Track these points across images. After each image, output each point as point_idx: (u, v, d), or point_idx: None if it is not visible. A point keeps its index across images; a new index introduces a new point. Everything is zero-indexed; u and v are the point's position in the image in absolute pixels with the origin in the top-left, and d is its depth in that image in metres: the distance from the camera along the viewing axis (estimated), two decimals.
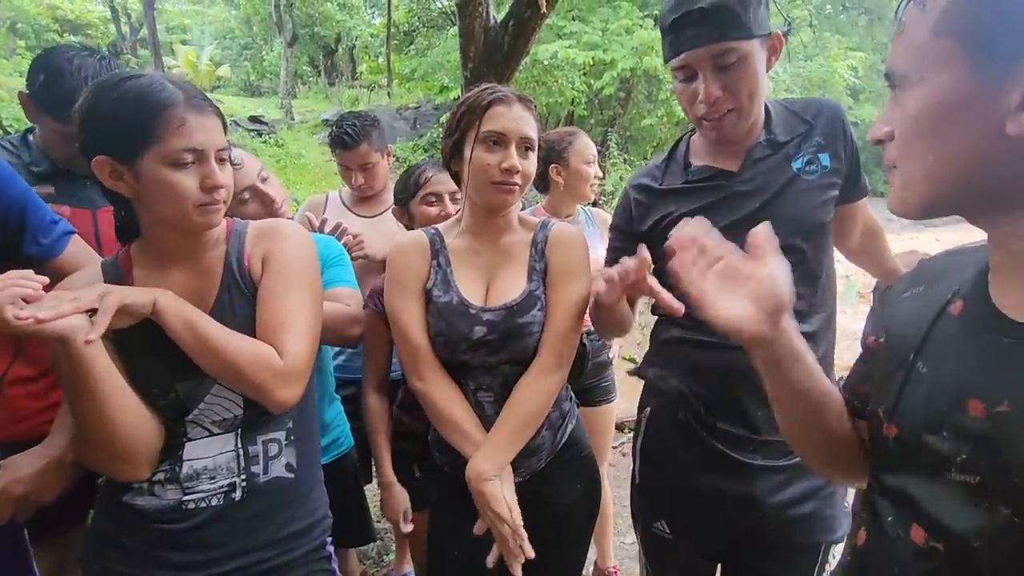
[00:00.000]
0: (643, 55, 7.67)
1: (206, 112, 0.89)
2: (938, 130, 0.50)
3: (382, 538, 2.43)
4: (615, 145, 8.74)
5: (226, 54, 20.28)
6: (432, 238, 1.17)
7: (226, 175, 0.91)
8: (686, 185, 1.13)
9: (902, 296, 0.68)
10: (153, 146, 0.84)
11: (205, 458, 0.93)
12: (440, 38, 11.05)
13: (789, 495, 1.10)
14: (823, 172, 1.07)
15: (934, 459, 0.54)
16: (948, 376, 0.55)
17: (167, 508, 0.92)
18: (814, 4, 10.39)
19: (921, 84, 0.51)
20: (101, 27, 17.32)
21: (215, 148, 0.89)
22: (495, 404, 1.13)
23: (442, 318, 1.10)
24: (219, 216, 0.93)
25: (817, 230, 1.07)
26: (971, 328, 0.55)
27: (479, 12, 3.86)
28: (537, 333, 1.10)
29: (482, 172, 1.07)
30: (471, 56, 3.99)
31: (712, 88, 1.00)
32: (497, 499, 1.05)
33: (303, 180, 8.45)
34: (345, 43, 18.62)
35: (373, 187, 1.89)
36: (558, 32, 8.41)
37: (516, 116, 1.08)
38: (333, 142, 1.85)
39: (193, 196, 0.87)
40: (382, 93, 14.55)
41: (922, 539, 0.54)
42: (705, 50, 0.98)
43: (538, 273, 1.14)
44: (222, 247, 0.99)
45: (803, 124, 1.08)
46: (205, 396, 0.92)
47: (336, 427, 1.53)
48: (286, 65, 13.18)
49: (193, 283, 0.95)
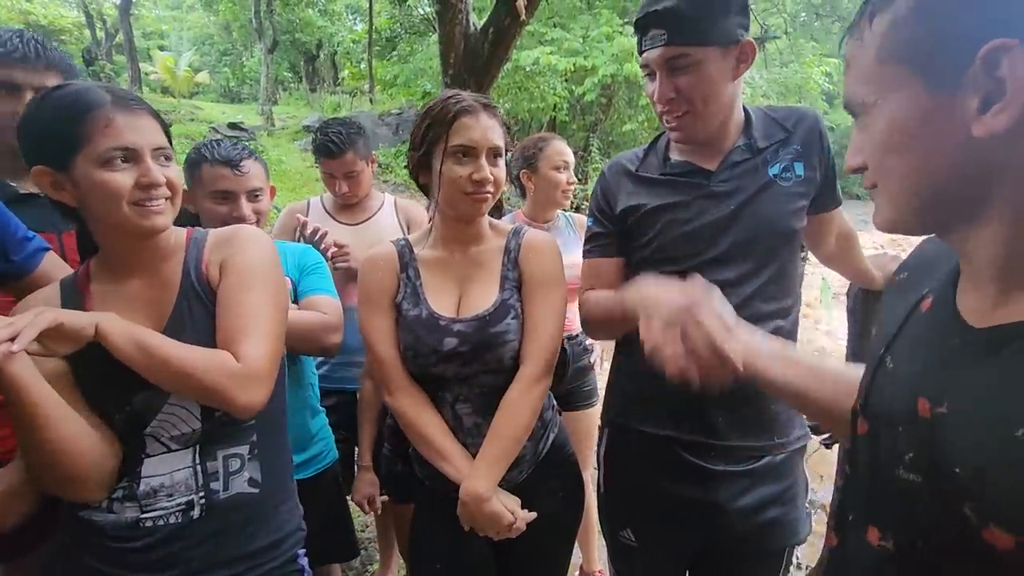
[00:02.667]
0: (624, 61, 7.77)
1: (136, 112, 0.88)
2: (907, 144, 0.51)
3: (366, 548, 2.41)
4: (597, 150, 8.82)
5: (205, 60, 20.05)
6: (401, 250, 1.16)
7: (170, 173, 0.90)
8: (662, 176, 1.14)
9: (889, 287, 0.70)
10: (83, 148, 0.84)
11: (162, 475, 0.91)
12: (422, 44, 11.07)
13: (752, 500, 1.11)
14: (796, 180, 1.08)
15: (888, 457, 0.55)
16: (907, 373, 0.56)
17: (124, 525, 0.90)
18: (789, 12, 10.61)
19: (881, 107, 0.52)
20: (75, 32, 16.99)
21: (150, 147, 0.88)
22: (474, 415, 1.11)
23: (411, 332, 1.10)
24: (163, 217, 0.90)
25: (789, 235, 1.09)
26: (933, 326, 0.56)
27: (459, 19, 3.88)
28: (512, 342, 1.09)
29: (453, 185, 1.07)
30: (451, 62, 4.00)
31: (664, 89, 1.03)
32: (502, 515, 1.05)
33: (284, 187, 8.36)
34: (327, 49, 18.54)
35: (357, 195, 1.87)
36: (540, 38, 8.48)
37: (483, 126, 1.07)
38: (317, 149, 1.82)
39: (126, 194, 0.86)
40: (364, 99, 14.49)
41: (876, 539, 0.55)
42: (659, 53, 1.01)
43: (511, 282, 1.13)
44: (180, 255, 0.97)
45: (782, 131, 1.10)
46: (162, 407, 0.90)
47: (321, 440, 1.51)
48: (266, 71, 13.07)
49: (151, 293, 0.94)
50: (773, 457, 1.12)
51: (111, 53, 14.85)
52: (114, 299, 0.92)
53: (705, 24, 0.98)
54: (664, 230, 1.11)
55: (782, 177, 1.08)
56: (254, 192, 1.43)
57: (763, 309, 1.06)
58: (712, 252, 1.07)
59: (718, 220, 1.07)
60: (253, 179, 1.42)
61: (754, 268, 1.06)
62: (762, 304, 1.06)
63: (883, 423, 0.57)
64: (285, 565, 1.01)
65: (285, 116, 12.96)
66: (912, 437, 0.52)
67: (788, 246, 1.09)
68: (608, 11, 8.87)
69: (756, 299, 1.06)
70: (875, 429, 0.58)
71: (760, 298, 1.06)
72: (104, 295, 0.92)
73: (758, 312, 1.05)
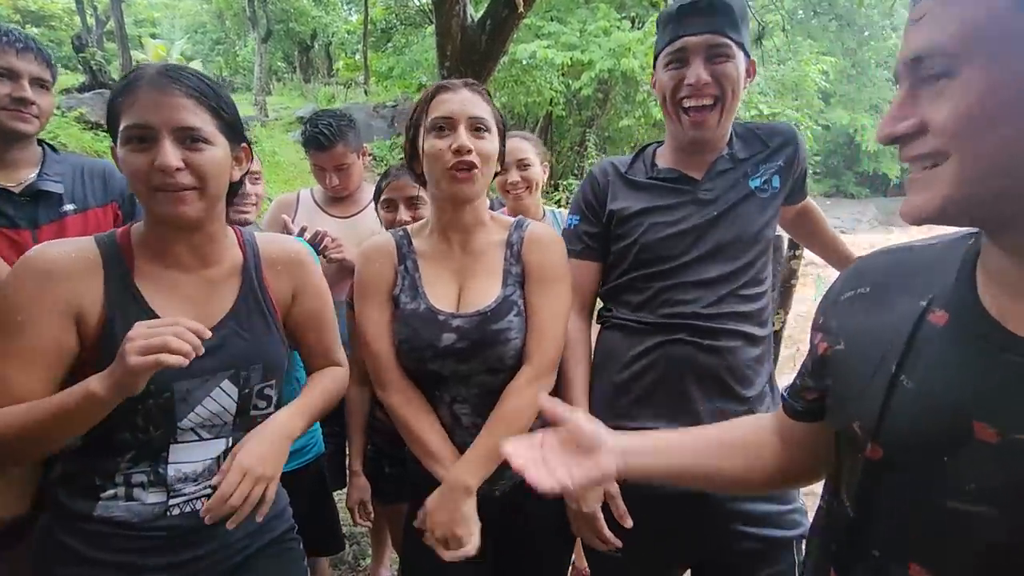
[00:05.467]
0: (621, 57, 7.74)
1: (165, 88, 0.84)
2: (1012, 115, 0.44)
3: (358, 542, 2.40)
4: (593, 145, 8.80)
5: (197, 49, 19.80)
6: (399, 241, 1.14)
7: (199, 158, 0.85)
8: (649, 180, 1.19)
9: (842, 298, 0.64)
10: (117, 125, 0.85)
11: (195, 462, 0.92)
12: (418, 36, 10.99)
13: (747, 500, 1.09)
14: (773, 193, 1.17)
15: (935, 486, 0.49)
16: (943, 394, 0.50)
17: (151, 515, 0.89)
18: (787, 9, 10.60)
19: (988, 64, 0.44)
20: (66, 19, 16.77)
21: (171, 126, 0.83)
22: (472, 415, 1.08)
23: (408, 325, 1.06)
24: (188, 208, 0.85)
25: (762, 242, 1.16)
26: (964, 341, 0.51)
27: (456, 10, 3.84)
28: (515, 340, 1.05)
29: (435, 160, 1.04)
30: (448, 54, 3.97)
31: (702, 73, 1.07)
32: (467, 521, 1.00)
33: (277, 179, 8.30)
34: (321, 39, 18.36)
35: (348, 188, 1.85)
36: (536, 32, 8.43)
37: (462, 99, 1.05)
38: (307, 142, 1.79)
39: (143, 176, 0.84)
40: (359, 90, 14.39)
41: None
42: (704, 39, 1.07)
43: (514, 277, 1.09)
44: (235, 257, 0.98)
45: (762, 146, 1.19)
46: (203, 399, 0.90)
47: (307, 433, 1.50)
48: (260, 61, 12.94)
49: (200, 288, 0.93)
50: None
51: (102, 40, 14.61)
52: (159, 282, 0.90)
53: (741, 27, 1.09)
54: (648, 231, 1.15)
55: (761, 189, 1.16)
56: (253, 175, 1.46)
57: (738, 308, 1.12)
58: (694, 253, 1.12)
59: (701, 224, 1.13)
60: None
61: (731, 270, 1.12)
62: (737, 304, 1.12)
63: (912, 450, 0.52)
64: (287, 532, 1.06)
65: (279, 107, 12.85)
66: (971, 466, 0.47)
67: (761, 251, 1.16)
68: (606, 5, 8.82)
69: (731, 297, 1.11)
70: (901, 456, 0.53)
71: (735, 297, 1.12)
72: (148, 275, 0.90)
73: (733, 310, 1.11)
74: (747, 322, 1.12)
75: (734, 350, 1.10)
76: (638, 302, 1.15)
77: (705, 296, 1.10)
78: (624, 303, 1.18)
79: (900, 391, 0.53)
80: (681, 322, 1.10)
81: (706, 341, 1.09)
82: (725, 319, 1.10)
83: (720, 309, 1.10)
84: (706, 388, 1.10)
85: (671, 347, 1.10)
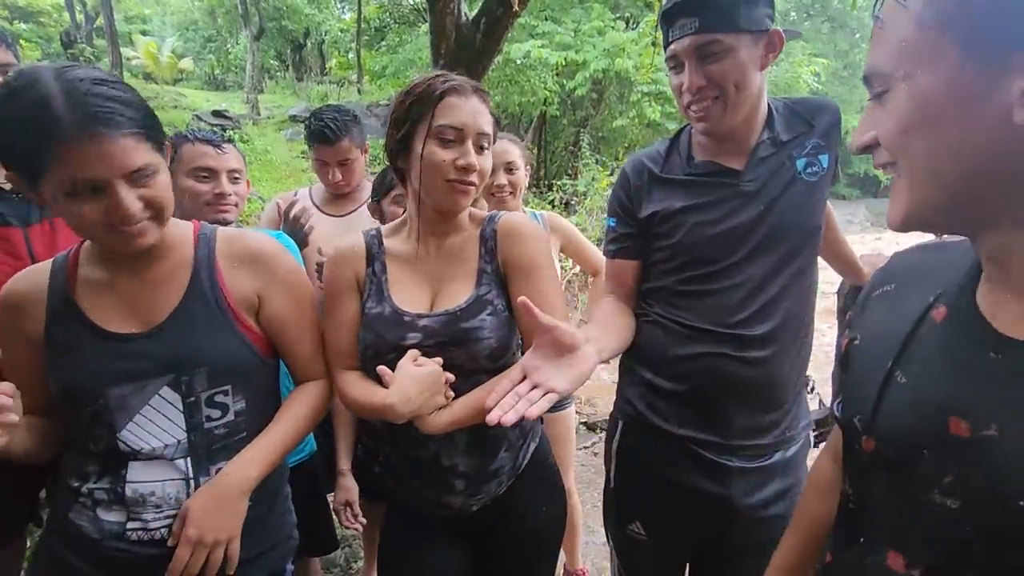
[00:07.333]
0: (615, 56, 7.74)
1: (103, 137, 0.75)
2: (937, 121, 0.46)
3: (350, 544, 2.38)
4: (587, 146, 8.78)
5: (189, 46, 19.64)
6: (370, 242, 1.08)
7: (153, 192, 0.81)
8: (687, 177, 1.12)
9: (872, 295, 0.66)
10: (47, 175, 0.76)
11: (153, 482, 0.87)
12: (412, 34, 10.94)
13: (763, 496, 1.12)
14: (822, 174, 1.09)
15: (916, 479, 0.50)
16: (930, 389, 0.52)
17: (110, 533, 0.86)
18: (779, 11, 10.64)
19: (910, 80, 0.47)
20: (54, 15, 16.56)
21: (123, 172, 0.78)
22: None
23: (371, 330, 1.01)
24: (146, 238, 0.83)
25: (814, 234, 1.10)
26: (956, 338, 0.52)
27: (450, 8, 3.82)
28: (488, 339, 0.98)
29: (435, 170, 0.97)
30: (442, 53, 3.94)
31: (695, 78, 1.02)
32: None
33: (269, 177, 8.24)
34: (314, 37, 18.26)
35: (350, 184, 1.81)
36: (531, 31, 8.42)
37: (473, 109, 0.98)
38: (312, 136, 1.74)
39: (98, 224, 0.79)
40: (352, 89, 14.31)
41: (901, 566, 0.52)
42: (689, 41, 1.01)
43: (489, 275, 1.02)
44: (185, 253, 0.93)
45: (804, 124, 1.10)
46: (140, 408, 0.86)
47: None
48: (252, 59, 12.83)
49: (144, 288, 0.90)
50: (784, 452, 1.14)
51: (91, 37, 14.46)
52: (100, 290, 0.89)
53: (736, 10, 0.99)
54: (691, 231, 1.09)
55: (808, 172, 1.09)
56: (234, 173, 1.45)
57: (785, 309, 1.07)
58: (740, 254, 1.07)
59: (746, 222, 1.06)
60: (233, 160, 1.46)
61: (778, 268, 1.07)
62: (783, 303, 1.07)
63: (899, 443, 0.53)
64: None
65: (271, 105, 12.75)
66: (947, 460, 0.48)
67: (811, 242, 1.10)
68: (600, 5, 8.82)
69: (778, 299, 1.07)
70: (889, 449, 0.54)
71: (782, 298, 1.07)
72: (90, 284, 0.89)
73: (779, 313, 1.06)
74: (792, 323, 1.08)
75: (777, 358, 1.07)
76: (680, 304, 1.11)
77: (750, 302, 1.06)
78: (665, 302, 1.14)
79: (894, 385, 0.55)
80: (725, 331, 1.06)
81: (750, 354, 1.06)
82: (770, 323, 1.06)
83: (766, 313, 1.06)
84: (742, 404, 1.09)
85: (712, 360, 1.07)
